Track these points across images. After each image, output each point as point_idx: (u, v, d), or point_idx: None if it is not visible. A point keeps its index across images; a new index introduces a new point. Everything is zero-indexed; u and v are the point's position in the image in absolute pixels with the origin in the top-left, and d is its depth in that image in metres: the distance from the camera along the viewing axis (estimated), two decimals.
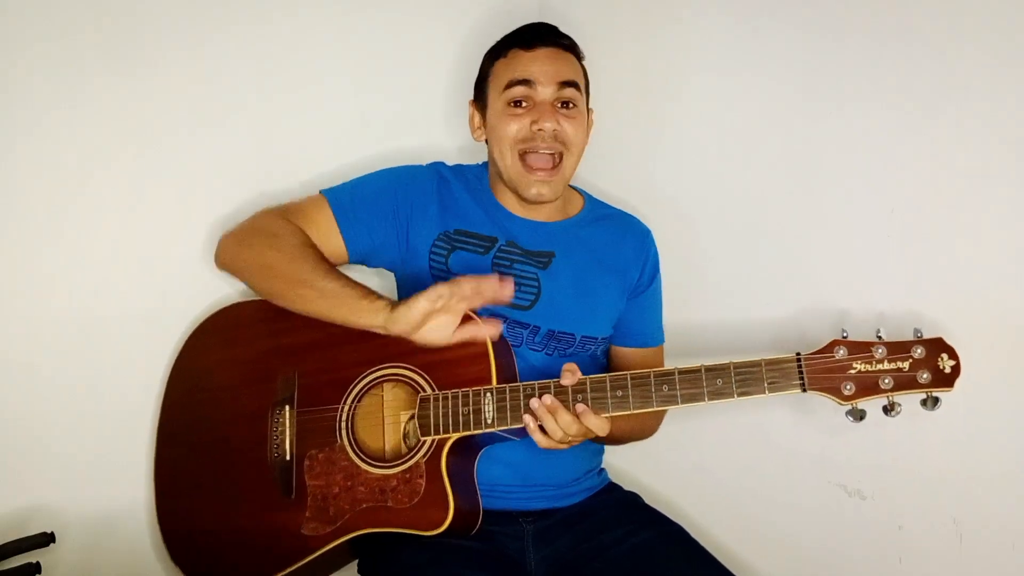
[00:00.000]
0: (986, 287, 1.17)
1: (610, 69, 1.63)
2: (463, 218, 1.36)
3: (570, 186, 1.44)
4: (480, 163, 1.46)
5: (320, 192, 1.37)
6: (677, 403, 1.14)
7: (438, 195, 1.36)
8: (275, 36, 1.51)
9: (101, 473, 1.36)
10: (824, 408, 1.14)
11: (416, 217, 1.34)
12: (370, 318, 1.20)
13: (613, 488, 1.41)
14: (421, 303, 1.15)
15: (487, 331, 1.18)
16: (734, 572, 1.20)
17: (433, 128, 1.65)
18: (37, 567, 1.22)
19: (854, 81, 1.28)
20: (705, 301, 1.51)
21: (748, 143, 1.43)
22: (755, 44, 1.40)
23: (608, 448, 1.48)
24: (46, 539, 1.23)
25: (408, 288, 1.37)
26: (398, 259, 1.36)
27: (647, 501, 1.39)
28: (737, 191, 1.46)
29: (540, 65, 1.32)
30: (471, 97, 1.42)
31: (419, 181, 1.37)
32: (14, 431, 1.29)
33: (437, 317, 1.17)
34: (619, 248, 1.42)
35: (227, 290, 1.45)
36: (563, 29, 1.38)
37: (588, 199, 1.47)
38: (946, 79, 1.18)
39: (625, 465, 1.56)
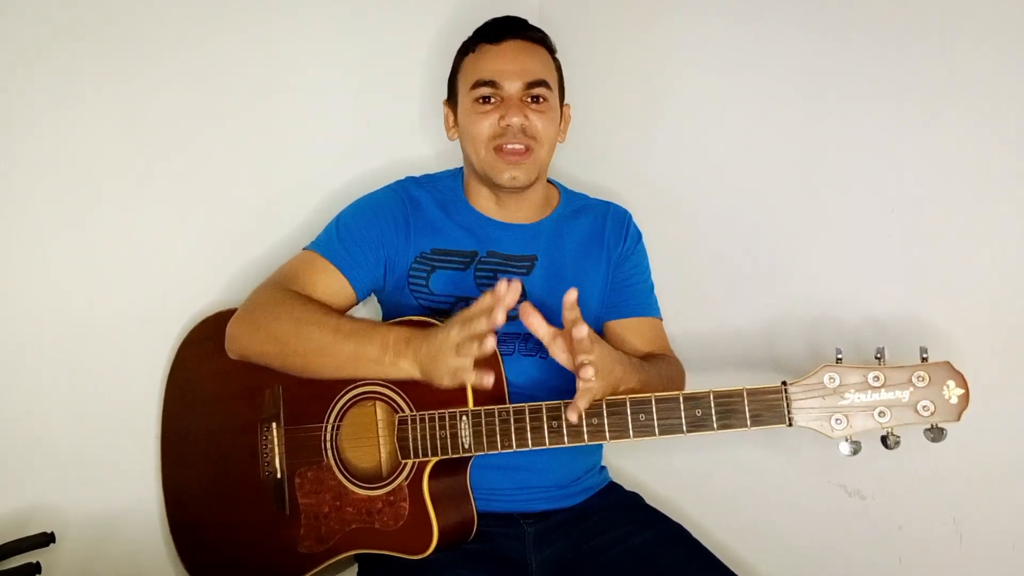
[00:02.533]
0: (986, 288, 1.17)
1: (609, 68, 1.64)
2: (438, 236, 1.34)
3: (547, 180, 1.43)
4: (452, 170, 1.44)
5: (306, 249, 1.34)
6: (654, 433, 1.08)
7: (411, 218, 1.34)
8: (276, 37, 1.51)
9: (101, 473, 1.36)
10: None
11: (399, 242, 1.33)
12: (399, 373, 1.17)
13: (614, 488, 1.41)
14: (452, 334, 1.09)
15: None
16: (735, 572, 1.20)
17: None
18: (37, 567, 1.22)
19: (854, 81, 1.28)
20: (701, 307, 1.51)
21: (747, 143, 1.43)
22: (755, 44, 1.40)
23: (609, 448, 1.48)
24: (46, 539, 1.23)
25: (390, 313, 1.37)
26: (384, 285, 1.35)
27: (648, 501, 1.38)
28: (736, 192, 1.45)
29: (507, 62, 1.30)
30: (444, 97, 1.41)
31: (391, 207, 1.35)
32: (14, 431, 1.29)
33: (465, 349, 1.09)
34: (600, 233, 1.41)
35: (228, 288, 1.45)
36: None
37: (564, 192, 1.45)
38: (947, 79, 1.18)
39: (626, 465, 1.56)
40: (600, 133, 1.64)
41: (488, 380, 1.09)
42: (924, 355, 1.00)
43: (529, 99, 1.31)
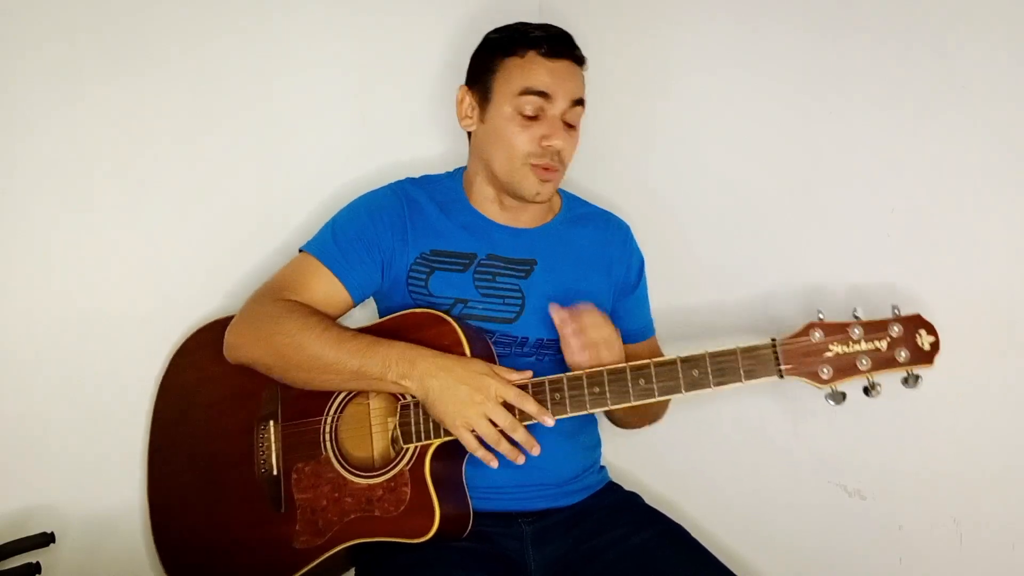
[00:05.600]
0: (987, 287, 1.17)
1: (609, 68, 1.63)
2: (438, 237, 1.34)
3: None
4: (450, 172, 1.43)
5: (301, 251, 1.34)
6: (655, 396, 1.14)
7: (409, 219, 1.34)
8: (276, 37, 1.51)
9: (101, 473, 1.36)
10: (824, 408, 1.13)
11: (396, 243, 1.33)
12: (401, 391, 1.20)
13: (613, 488, 1.41)
14: (483, 406, 1.16)
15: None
16: (734, 572, 1.20)
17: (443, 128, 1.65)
18: (37, 567, 1.22)
19: (854, 81, 1.28)
20: (699, 309, 1.51)
21: (746, 144, 1.43)
22: (754, 43, 1.40)
23: (608, 448, 1.48)
24: (46, 539, 1.24)
25: (386, 312, 1.36)
26: (382, 288, 1.36)
27: (647, 501, 1.38)
28: (735, 192, 1.45)
29: (560, 80, 1.29)
30: (463, 81, 1.38)
31: (389, 208, 1.35)
32: (14, 431, 1.29)
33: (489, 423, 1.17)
34: (603, 247, 1.41)
35: (226, 290, 1.45)
36: (561, 27, 1.37)
37: (565, 197, 1.46)
38: (946, 79, 1.18)
39: (625, 465, 1.56)
40: (599, 133, 1.64)
41: (521, 459, 1.19)
42: (896, 310, 1.09)
43: (564, 123, 1.30)
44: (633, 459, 1.55)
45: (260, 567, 1.26)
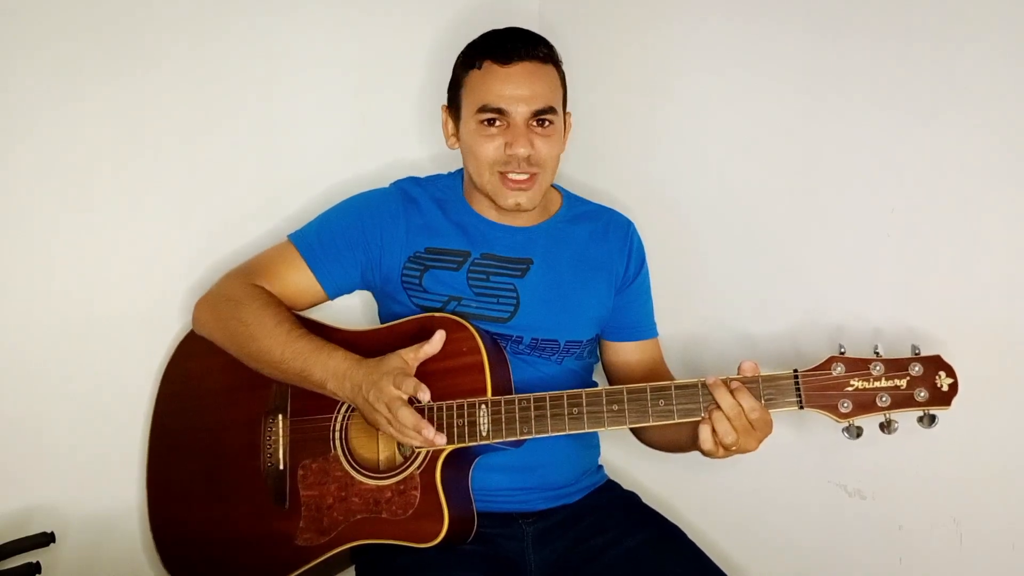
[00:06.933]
0: (987, 288, 1.17)
1: (609, 68, 1.64)
2: (433, 235, 1.34)
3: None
4: (453, 171, 1.43)
5: (287, 237, 1.36)
6: (674, 418, 1.13)
7: (404, 217, 1.34)
8: (276, 37, 1.50)
9: (101, 473, 1.36)
10: None
11: (386, 243, 1.33)
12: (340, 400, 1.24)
13: (612, 486, 1.41)
14: (381, 414, 1.16)
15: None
16: (726, 574, 1.21)
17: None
18: (37, 567, 1.22)
19: (854, 81, 1.28)
20: (701, 310, 1.51)
21: (747, 144, 1.43)
22: (755, 44, 1.40)
23: (607, 447, 1.48)
24: (46, 539, 1.24)
25: (387, 309, 1.37)
26: (375, 284, 1.36)
27: (646, 500, 1.38)
28: (736, 193, 1.45)
29: (515, 87, 1.26)
30: (444, 102, 1.38)
31: (384, 206, 1.35)
32: (14, 431, 1.29)
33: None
34: (602, 245, 1.40)
35: None
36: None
37: (566, 196, 1.44)
38: (946, 79, 1.18)
39: (624, 464, 1.55)
40: (600, 134, 1.64)
41: (440, 439, 1.16)
42: (916, 351, 1.09)
43: (535, 122, 1.29)
44: (632, 458, 1.54)
45: (259, 562, 1.26)
